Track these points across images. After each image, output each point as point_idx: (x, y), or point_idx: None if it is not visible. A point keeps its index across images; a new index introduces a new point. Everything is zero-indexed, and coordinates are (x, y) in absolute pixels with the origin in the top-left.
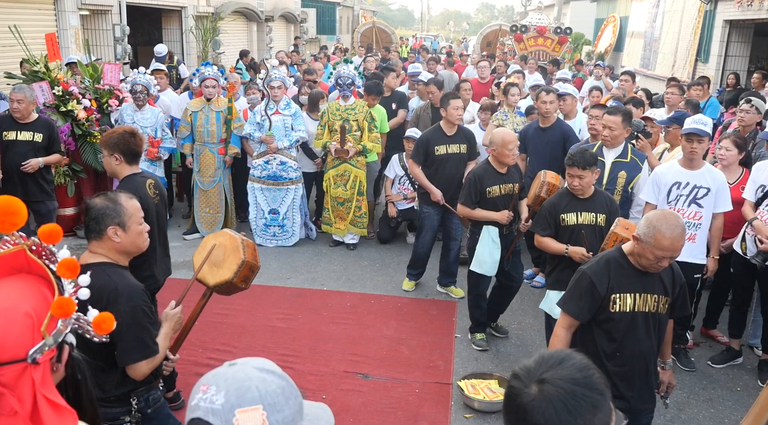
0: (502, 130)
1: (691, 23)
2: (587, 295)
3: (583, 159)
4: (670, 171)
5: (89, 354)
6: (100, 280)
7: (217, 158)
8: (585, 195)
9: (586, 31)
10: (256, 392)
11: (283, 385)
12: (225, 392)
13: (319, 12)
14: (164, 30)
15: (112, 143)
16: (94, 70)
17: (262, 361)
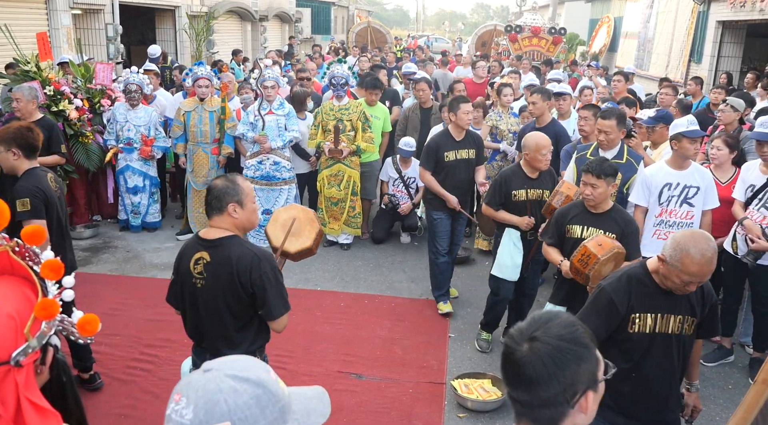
0: (537, 134)
1: (685, 24)
2: (605, 313)
3: (599, 168)
4: (659, 173)
5: (231, 315)
6: (240, 249)
7: (211, 158)
8: (598, 209)
9: (581, 32)
10: (225, 406)
11: (257, 394)
12: (194, 406)
13: (314, 12)
14: (158, 29)
15: (8, 138)
16: (86, 69)
17: (240, 364)
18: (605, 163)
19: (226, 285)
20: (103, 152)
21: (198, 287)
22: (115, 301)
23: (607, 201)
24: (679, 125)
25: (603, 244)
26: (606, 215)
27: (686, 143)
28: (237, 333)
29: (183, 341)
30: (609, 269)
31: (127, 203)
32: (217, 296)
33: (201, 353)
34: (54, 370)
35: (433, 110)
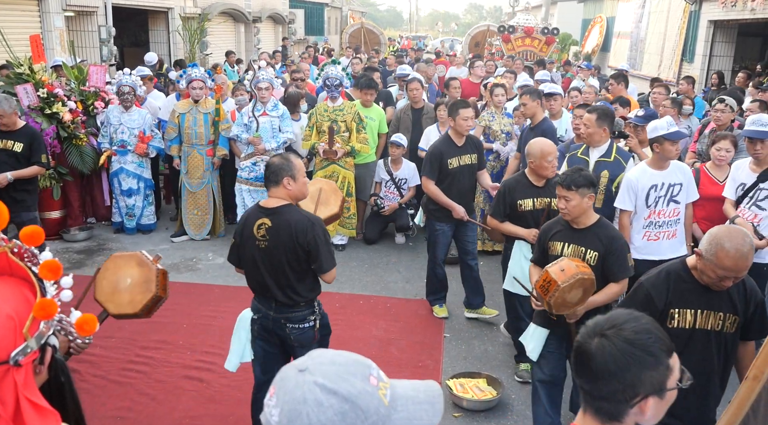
0: (541, 140)
1: (677, 23)
2: (642, 307)
3: (570, 179)
4: (644, 176)
5: (291, 269)
6: (296, 215)
7: (206, 159)
8: (579, 224)
9: (573, 32)
10: (307, 420)
11: (344, 410)
12: (280, 410)
13: (308, 13)
14: (151, 31)
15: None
16: (79, 71)
17: (335, 370)
18: (578, 173)
19: (287, 245)
20: (97, 155)
21: (261, 248)
22: None
23: (586, 215)
24: (660, 128)
25: (566, 269)
26: (588, 230)
27: (668, 145)
28: (297, 284)
29: (178, 342)
30: (576, 297)
31: (122, 206)
32: (279, 254)
33: (265, 301)
34: (53, 370)
35: (425, 110)
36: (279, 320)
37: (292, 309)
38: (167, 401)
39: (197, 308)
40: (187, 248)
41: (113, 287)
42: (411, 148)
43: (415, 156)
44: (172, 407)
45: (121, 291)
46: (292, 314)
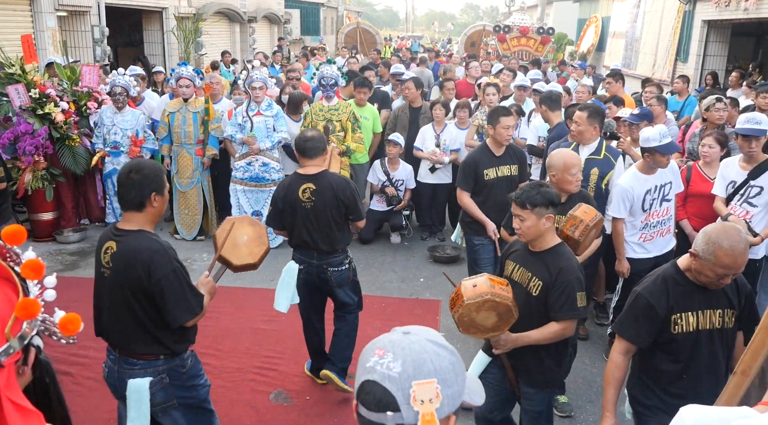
0: (563, 151)
1: (671, 23)
2: (645, 318)
3: (526, 196)
4: (637, 183)
5: (334, 222)
6: (335, 177)
7: (195, 159)
8: (535, 247)
9: (569, 32)
10: (431, 366)
11: (454, 361)
12: (402, 361)
13: (303, 13)
14: (145, 31)
15: None
16: (72, 72)
17: (433, 334)
18: (536, 190)
19: (331, 203)
20: (90, 156)
21: (307, 209)
22: None
23: (543, 238)
24: (652, 139)
25: (478, 286)
26: (540, 256)
27: (659, 156)
28: (338, 234)
29: None
30: (488, 321)
31: (116, 207)
32: (325, 211)
33: (308, 253)
34: (37, 371)
35: (422, 110)
36: (321, 266)
37: (331, 256)
38: None
39: None
40: (182, 248)
41: (233, 243)
42: (407, 147)
43: (411, 156)
44: None
45: (240, 246)
46: (332, 260)
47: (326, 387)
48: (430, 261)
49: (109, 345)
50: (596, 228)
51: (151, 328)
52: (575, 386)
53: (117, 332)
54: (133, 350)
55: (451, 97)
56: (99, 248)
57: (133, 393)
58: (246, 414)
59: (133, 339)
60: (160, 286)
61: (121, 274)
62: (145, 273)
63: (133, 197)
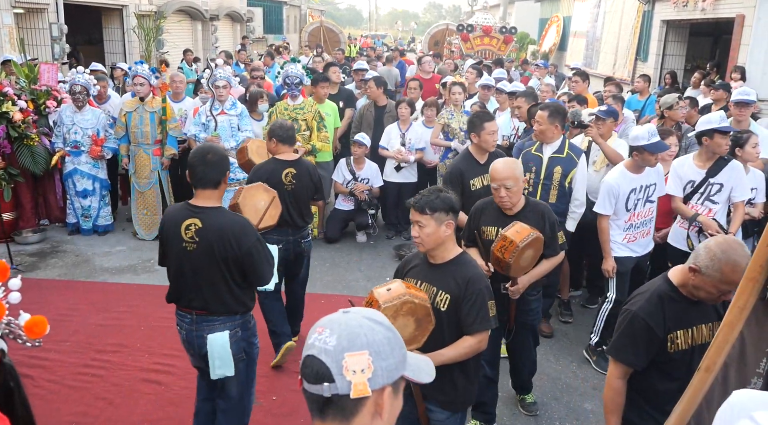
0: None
1: (631, 23)
2: (643, 340)
3: (425, 200)
4: (624, 180)
5: (309, 196)
6: (307, 165)
7: (153, 159)
8: (435, 258)
9: (531, 31)
10: (365, 339)
11: (389, 336)
12: (337, 336)
13: (266, 11)
14: (105, 29)
15: None
16: (30, 70)
17: (372, 312)
18: (435, 194)
19: (307, 185)
20: (50, 155)
21: (289, 190)
22: (64, 306)
23: (445, 247)
24: (641, 138)
25: (393, 290)
26: (444, 267)
27: (647, 155)
28: (308, 210)
29: (136, 345)
30: (405, 329)
31: (77, 207)
32: (303, 191)
33: (287, 231)
34: (1, 375)
35: (387, 108)
36: (297, 240)
37: (303, 230)
38: (125, 405)
39: (155, 310)
40: (144, 249)
41: (255, 209)
42: (373, 146)
43: (376, 154)
44: (130, 411)
45: (260, 211)
46: (303, 232)
47: (293, 386)
48: (396, 260)
49: (183, 310)
50: (532, 248)
51: (235, 290)
52: (540, 383)
53: (203, 296)
54: (217, 309)
55: (416, 97)
56: (176, 226)
57: (215, 345)
58: None
59: (219, 300)
60: (250, 254)
61: (211, 246)
62: (236, 243)
63: (212, 176)
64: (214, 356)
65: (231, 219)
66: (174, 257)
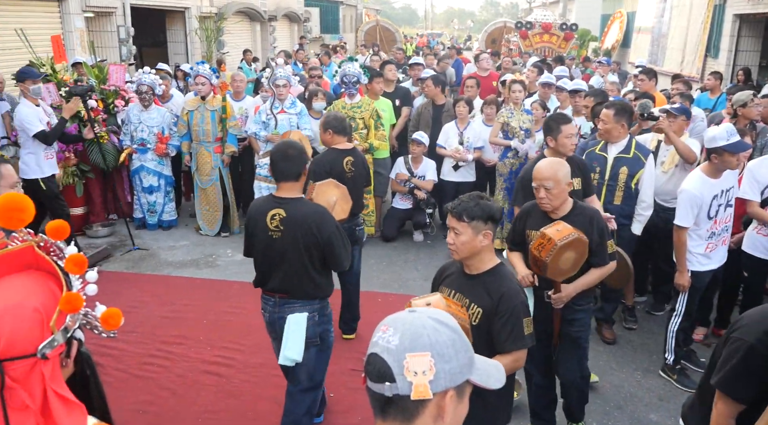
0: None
1: (700, 18)
2: (759, 375)
3: (463, 207)
4: (705, 187)
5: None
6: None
7: (214, 156)
8: (471, 269)
9: (592, 28)
10: (428, 339)
11: (454, 338)
12: (400, 335)
13: (323, 11)
14: (168, 31)
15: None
16: (99, 71)
17: (439, 313)
18: (475, 201)
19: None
20: (119, 152)
21: (349, 178)
22: (131, 298)
23: (480, 258)
24: (719, 138)
25: (433, 305)
26: (478, 279)
27: (727, 156)
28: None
29: (198, 337)
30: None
31: (143, 202)
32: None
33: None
34: (78, 363)
35: (446, 107)
36: (352, 227)
37: (357, 217)
38: (187, 395)
39: (216, 304)
40: (206, 244)
41: (327, 204)
42: (430, 145)
43: (434, 153)
44: (192, 401)
45: (332, 205)
46: (357, 220)
47: (350, 384)
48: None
49: (267, 294)
50: (573, 250)
51: (315, 275)
52: (603, 391)
53: (287, 280)
54: (298, 293)
55: (474, 95)
56: (262, 216)
57: (292, 324)
58: (270, 410)
59: (300, 284)
60: (330, 240)
61: (295, 233)
62: (317, 231)
63: (292, 170)
64: (288, 336)
65: (312, 209)
66: (260, 245)
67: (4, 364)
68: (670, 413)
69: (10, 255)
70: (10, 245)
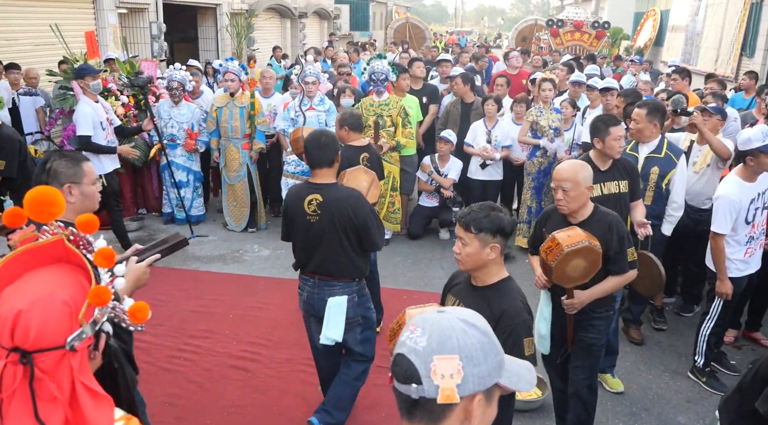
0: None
1: (736, 16)
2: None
3: (471, 217)
4: (742, 192)
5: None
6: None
7: (242, 153)
8: (477, 281)
9: (625, 26)
10: (456, 342)
11: (483, 341)
12: (428, 336)
13: (353, 8)
14: (199, 27)
15: None
16: (131, 67)
17: (469, 313)
18: (485, 212)
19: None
20: (149, 148)
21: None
22: (159, 292)
23: (486, 270)
24: (754, 140)
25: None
26: (483, 292)
27: (763, 157)
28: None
29: (225, 332)
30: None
31: (172, 197)
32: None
33: None
34: (106, 356)
35: (474, 106)
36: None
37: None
38: (214, 389)
39: (243, 299)
40: (234, 239)
41: (360, 189)
42: (458, 143)
43: (462, 151)
44: (219, 395)
45: (364, 190)
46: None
47: (375, 380)
48: None
49: (307, 275)
50: (583, 258)
51: (353, 256)
52: (630, 392)
53: (326, 262)
54: (337, 274)
55: (504, 93)
56: (299, 201)
57: (333, 307)
58: (296, 405)
59: (339, 265)
60: (366, 222)
61: (332, 216)
62: (353, 214)
63: (327, 157)
64: (329, 318)
65: (347, 193)
66: (298, 229)
67: (33, 356)
68: (698, 416)
69: (41, 248)
70: (41, 238)
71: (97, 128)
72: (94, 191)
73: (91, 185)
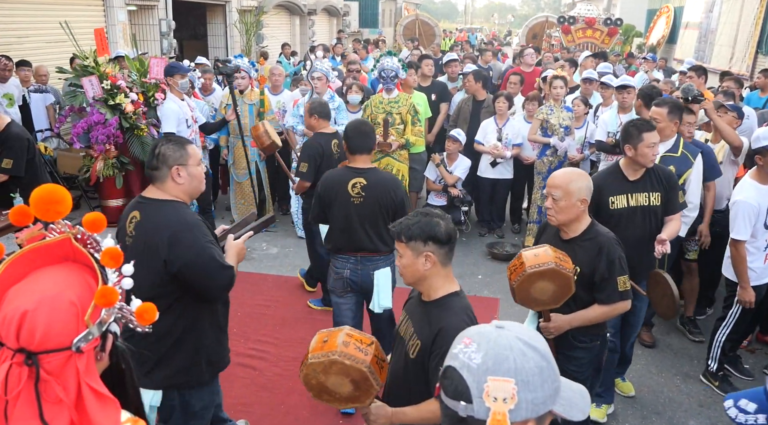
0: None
1: (752, 13)
2: None
3: (402, 226)
4: (760, 195)
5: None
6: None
7: (250, 150)
8: (424, 295)
9: (637, 23)
10: (513, 364)
11: (542, 365)
12: (484, 354)
13: (362, 5)
14: (209, 24)
15: None
16: (140, 64)
17: (529, 332)
18: (416, 218)
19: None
20: None
21: (336, 159)
22: None
23: (429, 284)
24: (763, 138)
25: (329, 341)
26: (428, 308)
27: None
28: None
29: (232, 330)
30: (341, 387)
31: None
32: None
33: None
34: (113, 357)
35: (485, 103)
36: None
37: None
38: (221, 386)
39: (251, 297)
40: None
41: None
42: (468, 141)
43: (472, 149)
44: (226, 393)
45: (274, 134)
46: None
47: None
48: (488, 258)
49: (347, 254)
50: (549, 280)
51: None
52: (641, 395)
53: (368, 239)
54: (379, 248)
55: (516, 91)
56: (342, 185)
57: (381, 278)
58: (301, 403)
59: (381, 240)
60: (403, 201)
61: (376, 197)
62: (394, 194)
63: (367, 143)
64: (379, 289)
65: (387, 176)
66: (341, 210)
67: (39, 357)
68: (710, 420)
69: (48, 247)
70: (48, 236)
71: (182, 125)
72: (199, 171)
73: (196, 166)
